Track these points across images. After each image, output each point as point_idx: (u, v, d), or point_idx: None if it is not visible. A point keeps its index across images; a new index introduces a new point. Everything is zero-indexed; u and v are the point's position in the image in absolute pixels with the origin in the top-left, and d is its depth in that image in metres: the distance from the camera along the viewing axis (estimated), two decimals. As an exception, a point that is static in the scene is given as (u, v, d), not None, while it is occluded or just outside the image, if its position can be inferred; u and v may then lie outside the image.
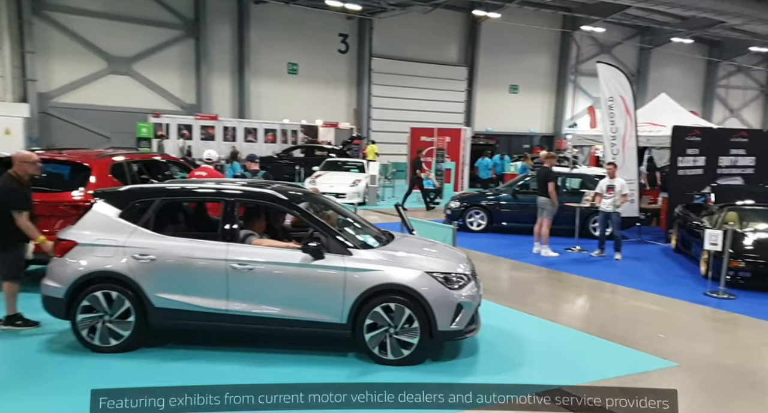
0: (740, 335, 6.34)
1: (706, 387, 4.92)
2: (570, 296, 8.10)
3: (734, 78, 34.06)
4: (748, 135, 12.56)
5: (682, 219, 10.24)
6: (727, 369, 5.29)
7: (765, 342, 6.15)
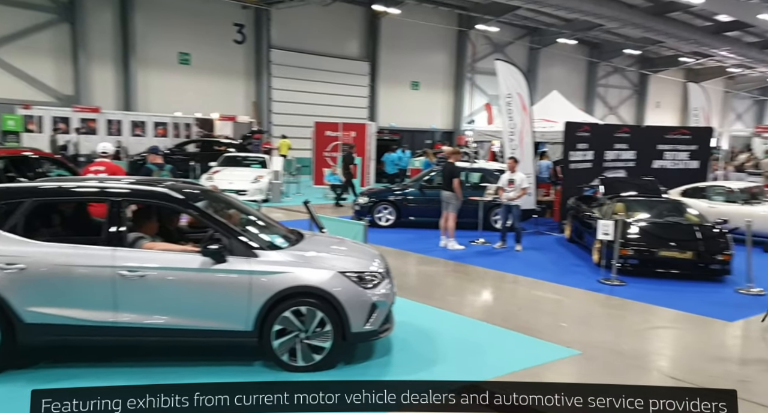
0: (632, 320, 6.72)
1: (608, 373, 5.12)
2: (477, 289, 8.25)
3: (612, 78, 36.97)
4: (629, 131, 13.56)
5: (575, 210, 10.81)
6: (624, 355, 5.56)
7: (653, 326, 6.58)
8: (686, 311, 6.86)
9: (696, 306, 7.01)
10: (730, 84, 41.12)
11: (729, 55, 29.71)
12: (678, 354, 5.77)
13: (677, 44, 29.70)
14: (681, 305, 7.04)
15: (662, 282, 8.05)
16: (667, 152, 13.35)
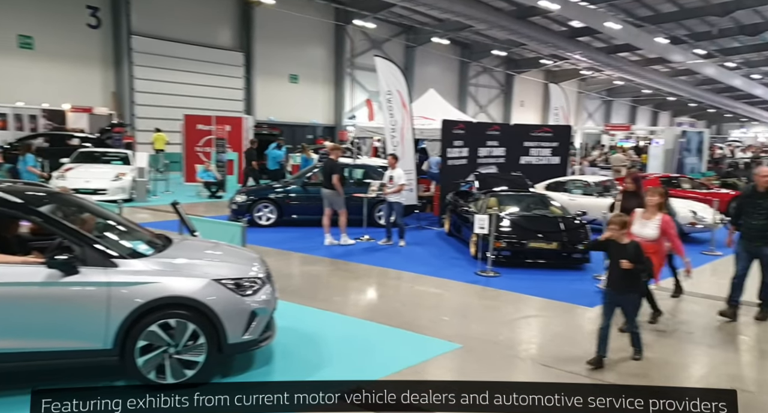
0: (505, 310, 7.01)
1: (486, 365, 5.26)
2: (362, 287, 8.17)
3: (481, 77, 39.07)
4: (499, 129, 14.31)
5: (453, 205, 11.15)
6: (500, 345, 5.76)
7: (524, 315, 6.90)
8: (553, 298, 7.26)
9: (561, 294, 7.47)
10: (582, 85, 45.35)
11: (581, 58, 32.64)
12: (546, 341, 6.08)
13: (538, 47, 32.04)
14: (548, 293, 7.47)
15: (532, 272, 8.53)
16: (532, 149, 14.29)
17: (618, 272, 4.91)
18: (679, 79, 39.81)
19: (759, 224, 6.13)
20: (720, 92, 44.20)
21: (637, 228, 5.84)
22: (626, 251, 4.92)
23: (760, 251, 6.19)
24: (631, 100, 51.34)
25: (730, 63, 35.16)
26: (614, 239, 5.02)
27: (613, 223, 5.06)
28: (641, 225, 5.87)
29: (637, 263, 4.89)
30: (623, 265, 4.83)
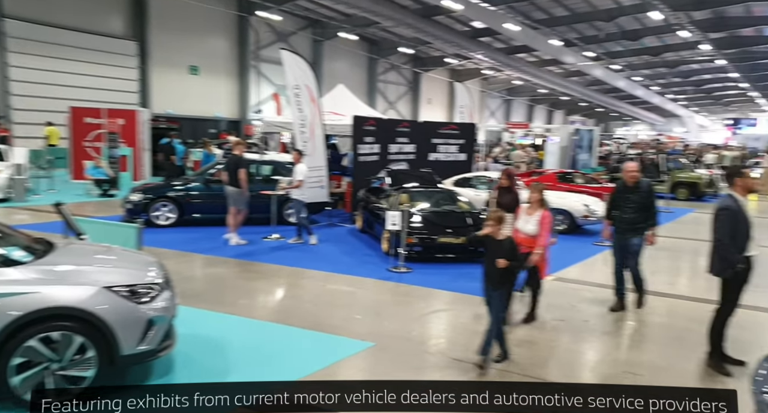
0: (417, 306, 7.01)
1: (399, 362, 5.22)
2: (270, 288, 7.87)
3: (390, 74, 39.47)
4: (409, 125, 14.44)
5: (365, 202, 11.09)
6: (413, 341, 5.75)
7: (434, 309, 6.95)
8: (462, 292, 7.34)
9: (469, 287, 7.57)
10: (484, 84, 47.15)
11: (483, 58, 33.91)
12: (457, 335, 6.16)
13: (443, 46, 32.87)
14: (457, 287, 7.57)
15: (442, 266, 8.64)
16: (440, 146, 14.55)
17: (494, 268, 4.90)
18: (571, 80, 42.52)
19: (629, 218, 6.42)
20: (607, 93, 47.77)
21: (520, 224, 6.08)
22: (502, 247, 4.93)
23: (629, 242, 6.49)
24: (529, 100, 54.17)
25: (615, 66, 38.04)
26: (491, 235, 5.00)
27: (490, 219, 5.06)
28: (524, 221, 6.07)
29: (512, 260, 4.91)
30: (499, 264, 4.82)
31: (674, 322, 6.58)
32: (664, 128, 59.07)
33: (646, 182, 6.55)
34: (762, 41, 32.76)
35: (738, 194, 4.94)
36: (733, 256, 4.85)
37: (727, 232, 4.86)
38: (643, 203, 6.40)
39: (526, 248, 5.88)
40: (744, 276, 4.96)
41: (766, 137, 43.88)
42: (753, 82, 43.28)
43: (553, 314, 6.62)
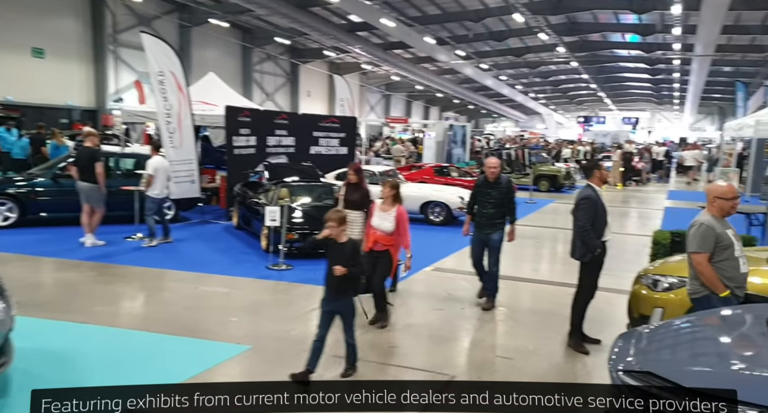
0: (298, 304, 6.76)
1: (276, 363, 4.96)
2: (133, 293, 7.16)
3: (266, 65, 38.27)
4: (287, 117, 14.01)
5: (242, 197, 10.57)
6: (291, 341, 5.49)
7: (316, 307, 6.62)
8: None
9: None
10: (363, 79, 47.56)
11: (361, 52, 34.09)
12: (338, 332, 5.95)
13: (320, 38, 32.52)
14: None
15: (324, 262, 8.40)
16: (321, 139, 14.32)
17: (335, 276, 4.45)
18: (444, 78, 44.26)
19: (489, 213, 6.40)
20: (477, 91, 50.44)
21: (376, 221, 5.85)
22: (343, 252, 4.52)
23: (489, 238, 6.46)
24: (407, 96, 55.62)
25: (483, 65, 40.21)
26: (333, 237, 4.56)
27: (331, 220, 4.54)
28: (380, 218, 5.83)
29: (353, 266, 4.50)
30: (336, 272, 4.41)
31: (539, 306, 6.97)
32: (527, 125, 63.82)
33: (505, 178, 6.53)
34: (606, 46, 36.49)
35: (595, 185, 5.33)
36: (594, 241, 5.20)
37: (589, 219, 5.20)
38: (503, 198, 6.39)
39: (383, 246, 5.78)
40: (601, 260, 5.36)
41: (613, 133, 49.13)
42: (600, 83, 48.12)
43: (432, 303, 6.75)
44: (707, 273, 3.82)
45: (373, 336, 5.63)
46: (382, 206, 5.90)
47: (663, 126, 62.49)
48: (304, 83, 41.70)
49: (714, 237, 3.87)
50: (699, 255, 3.87)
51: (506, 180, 6.50)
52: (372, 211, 6.02)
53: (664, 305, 4.61)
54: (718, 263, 3.86)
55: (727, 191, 4.08)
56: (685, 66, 36.27)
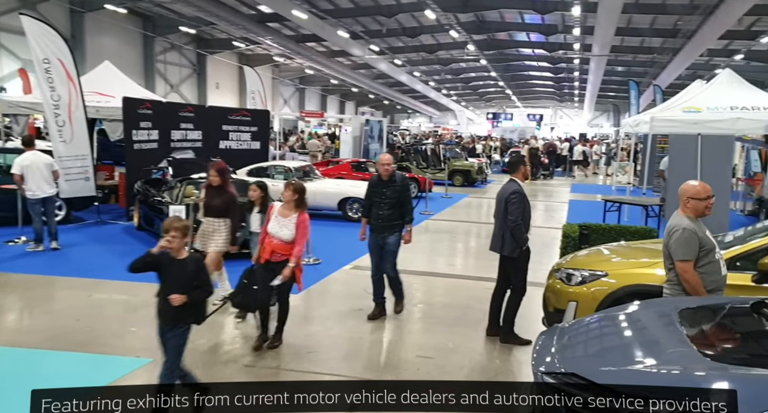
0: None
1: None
2: (14, 304, 6.41)
3: (170, 55, 36.21)
4: (193, 110, 13.23)
5: (143, 195, 9.83)
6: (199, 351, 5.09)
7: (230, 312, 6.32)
8: None
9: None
10: (276, 71, 46.39)
11: (273, 44, 33.12)
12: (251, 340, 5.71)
13: (228, 28, 31.23)
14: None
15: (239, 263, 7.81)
16: (232, 133, 13.68)
17: (168, 301, 3.67)
18: (359, 72, 44.15)
19: (385, 214, 5.90)
20: (392, 86, 50.79)
21: (273, 227, 5.05)
22: (184, 271, 3.70)
23: (384, 241, 5.95)
24: (322, 90, 54.99)
25: (398, 61, 40.50)
26: (171, 251, 3.71)
27: (171, 229, 3.65)
28: (278, 224, 5.05)
29: (196, 288, 3.73)
30: (174, 301, 3.61)
31: (456, 301, 6.91)
32: (440, 121, 65.32)
33: (400, 176, 6.04)
34: (513, 45, 37.96)
35: (519, 180, 5.36)
36: (524, 236, 5.26)
37: (521, 213, 5.23)
38: (399, 197, 5.91)
39: (281, 256, 5.00)
40: (528, 255, 5.41)
41: (520, 129, 51.34)
42: (507, 81, 50.10)
43: (351, 303, 6.55)
44: (692, 281, 3.62)
45: (292, 340, 5.34)
46: (281, 211, 5.10)
47: (565, 122, 66.25)
48: (212, 75, 39.99)
49: (698, 242, 3.64)
50: (685, 263, 3.62)
51: (401, 178, 6.03)
52: (269, 215, 5.22)
53: (577, 299, 4.69)
54: (701, 267, 3.66)
55: (701, 191, 3.72)
56: (583, 65, 38.51)
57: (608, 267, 4.92)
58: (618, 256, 5.45)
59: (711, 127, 9.17)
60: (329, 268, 8.00)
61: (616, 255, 5.49)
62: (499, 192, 5.55)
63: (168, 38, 34.50)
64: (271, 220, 5.14)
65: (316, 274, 7.65)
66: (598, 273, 4.84)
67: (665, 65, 33.05)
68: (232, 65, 41.04)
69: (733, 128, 8.89)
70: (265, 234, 5.16)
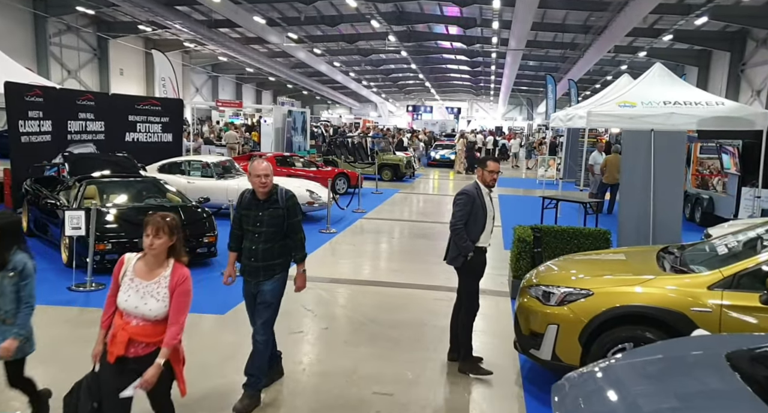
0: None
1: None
2: None
3: (67, 37, 32.86)
4: (94, 98, 11.68)
5: (34, 196, 8.43)
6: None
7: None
8: None
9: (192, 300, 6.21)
10: (186, 58, 43.60)
11: (182, 29, 30.90)
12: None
13: (132, 10, 28.78)
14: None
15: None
16: (139, 124, 12.28)
17: None
18: (276, 61, 42.45)
19: (259, 250, 4.02)
20: (311, 76, 49.41)
21: (131, 300, 3.04)
22: None
23: (258, 288, 4.08)
24: (236, 78, 52.56)
25: (317, 50, 39.31)
26: None
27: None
28: (139, 294, 3.04)
29: None
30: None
31: (408, 317, 6.11)
32: (361, 112, 64.63)
33: (285, 193, 4.07)
34: (432, 37, 37.96)
35: (480, 181, 4.77)
36: (464, 243, 4.62)
37: (463, 217, 4.63)
38: (280, 225, 4.03)
39: (145, 347, 3.00)
40: (476, 268, 4.74)
41: (441, 122, 51.75)
42: (426, 73, 50.27)
43: (289, 324, 5.66)
44: None
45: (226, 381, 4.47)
46: (140, 269, 3.08)
47: (480, 116, 67.84)
48: (115, 60, 36.85)
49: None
50: None
51: (286, 196, 4.06)
52: (116, 275, 3.10)
53: (558, 322, 4.13)
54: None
55: None
56: (500, 59, 39.26)
57: (592, 285, 4.22)
58: (598, 270, 4.74)
59: (646, 122, 9.17)
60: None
61: (596, 268, 4.80)
62: None
63: (63, 19, 31.28)
64: (122, 286, 3.05)
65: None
66: (581, 292, 4.17)
67: (576, 60, 34.32)
68: (137, 51, 38.11)
69: (667, 123, 8.91)
70: (112, 312, 3.08)
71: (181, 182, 10.19)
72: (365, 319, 6.02)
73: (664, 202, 5.82)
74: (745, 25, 26.72)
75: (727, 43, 29.77)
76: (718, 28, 28.44)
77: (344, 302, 6.64)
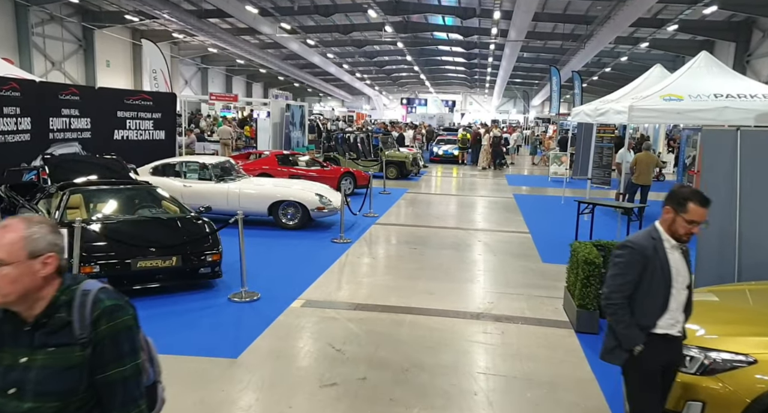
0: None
1: None
2: None
3: (50, 27, 31.45)
4: (79, 92, 10.60)
5: (9, 205, 7.42)
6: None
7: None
8: (178, 352, 4.83)
9: (190, 339, 5.20)
10: (175, 49, 42.20)
11: (171, 19, 29.64)
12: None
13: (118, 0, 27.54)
14: (171, 339, 5.06)
15: (142, 302, 5.88)
16: (129, 121, 11.24)
17: None
18: (268, 52, 41.21)
19: None
20: (303, 68, 48.16)
21: None
22: None
23: None
24: (227, 70, 51.21)
25: (310, 41, 38.12)
26: None
27: None
28: None
29: None
30: None
31: (458, 360, 4.96)
32: (353, 105, 63.45)
33: (92, 302, 1.71)
34: (428, 28, 36.92)
35: (662, 228, 3.29)
36: (628, 330, 2.97)
37: (622, 286, 2.99)
38: (74, 385, 1.73)
39: None
40: (651, 368, 3.01)
41: (438, 115, 50.75)
42: (422, 65, 49.21)
43: (318, 370, 4.64)
44: None
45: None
46: None
47: (474, 109, 66.94)
48: (101, 52, 35.44)
49: None
50: None
51: (94, 307, 1.74)
52: None
53: (704, 399, 3.03)
54: None
55: None
56: (497, 51, 38.29)
57: (757, 348, 3.03)
58: (748, 320, 3.48)
59: (695, 117, 8.36)
60: (272, 307, 6.03)
61: (745, 318, 3.51)
62: None
63: (46, 8, 29.87)
64: None
65: (258, 320, 5.69)
66: (739, 358, 3.04)
67: (576, 52, 33.47)
68: (124, 42, 36.73)
69: (720, 119, 8.07)
70: None
71: (176, 185, 9.20)
72: (408, 364, 4.85)
73: (755, 217, 4.96)
74: (754, 14, 25.99)
75: (733, 33, 29.06)
76: (722, 17, 27.71)
77: (378, 338, 5.37)
